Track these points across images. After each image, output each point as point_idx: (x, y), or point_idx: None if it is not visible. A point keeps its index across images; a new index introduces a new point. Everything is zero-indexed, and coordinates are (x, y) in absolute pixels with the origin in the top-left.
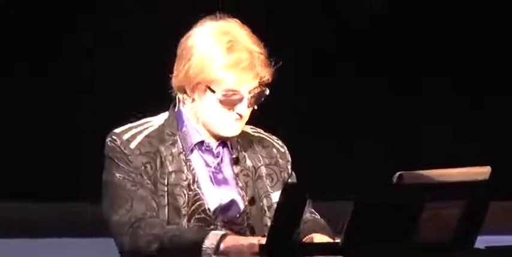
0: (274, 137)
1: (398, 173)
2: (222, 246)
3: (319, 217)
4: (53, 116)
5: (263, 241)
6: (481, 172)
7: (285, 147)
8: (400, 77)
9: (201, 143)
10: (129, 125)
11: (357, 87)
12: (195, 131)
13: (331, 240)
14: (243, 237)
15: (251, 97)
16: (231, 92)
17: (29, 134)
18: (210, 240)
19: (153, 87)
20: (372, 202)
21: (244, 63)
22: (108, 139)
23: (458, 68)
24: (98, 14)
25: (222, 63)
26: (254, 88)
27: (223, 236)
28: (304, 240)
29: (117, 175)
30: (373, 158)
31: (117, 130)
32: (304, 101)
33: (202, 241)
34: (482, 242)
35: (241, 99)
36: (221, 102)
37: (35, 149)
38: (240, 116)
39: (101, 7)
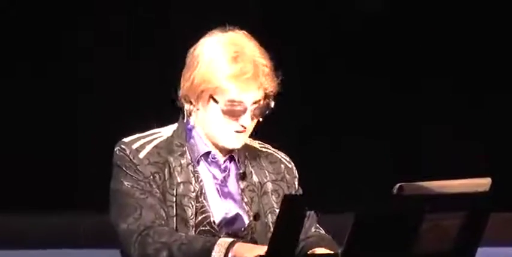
0: (282, 153)
1: (399, 184)
2: (230, 254)
3: (324, 232)
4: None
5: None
6: (482, 183)
7: (292, 163)
8: (399, 77)
9: (207, 154)
10: (138, 135)
11: (357, 87)
12: (201, 143)
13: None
14: (252, 244)
15: (255, 109)
16: (234, 103)
17: (26, 141)
18: (219, 247)
19: (153, 90)
20: (372, 213)
21: (249, 74)
22: (117, 148)
23: (458, 68)
24: (98, 14)
25: (227, 73)
26: (258, 100)
27: (231, 244)
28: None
29: (126, 183)
30: (373, 163)
31: (126, 139)
32: (306, 108)
33: (212, 249)
34: (482, 253)
35: (244, 111)
36: (224, 112)
37: (32, 157)
38: (244, 127)
39: (101, 7)
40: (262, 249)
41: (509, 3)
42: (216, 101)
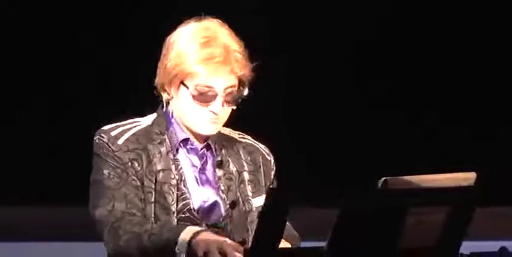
0: (262, 145)
1: (383, 178)
2: (193, 241)
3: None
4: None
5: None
6: (466, 177)
7: (271, 155)
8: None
9: (186, 141)
10: (117, 123)
11: (354, 87)
12: (180, 130)
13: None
14: (216, 235)
15: (226, 95)
16: (205, 88)
17: (24, 136)
18: (183, 236)
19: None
20: (356, 207)
21: (218, 58)
22: (96, 137)
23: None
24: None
25: (196, 57)
26: (230, 86)
27: (197, 232)
28: None
29: (104, 171)
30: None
31: (105, 128)
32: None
33: (177, 237)
34: (466, 247)
35: (215, 96)
36: (194, 98)
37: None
38: (214, 113)
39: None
40: (225, 239)
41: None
42: (186, 87)
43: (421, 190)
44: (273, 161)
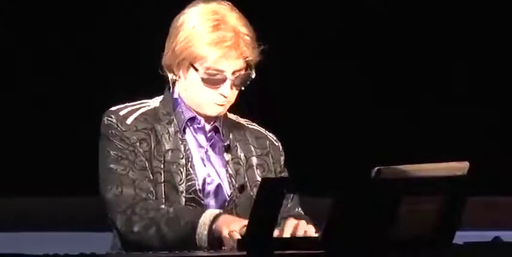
0: (269, 133)
1: (377, 167)
2: (214, 226)
3: (303, 214)
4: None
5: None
6: (460, 167)
7: (280, 142)
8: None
9: (193, 120)
10: (126, 104)
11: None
12: (187, 110)
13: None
14: (236, 217)
15: (235, 78)
16: (213, 71)
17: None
18: (205, 219)
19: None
20: (350, 197)
21: (229, 42)
22: (104, 118)
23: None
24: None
25: (206, 40)
26: (238, 69)
27: (217, 216)
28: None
29: (112, 152)
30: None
31: (113, 108)
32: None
33: (197, 221)
34: (460, 237)
35: (224, 80)
36: (204, 81)
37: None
38: (224, 96)
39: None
40: (244, 221)
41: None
42: (196, 69)
43: (414, 180)
44: (281, 147)
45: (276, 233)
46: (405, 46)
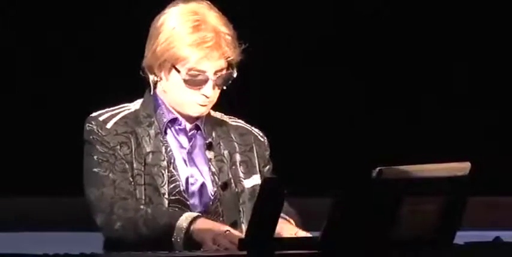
0: (255, 129)
1: (378, 168)
2: (191, 228)
3: (291, 209)
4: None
5: (235, 232)
6: (461, 167)
7: (266, 138)
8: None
9: (174, 121)
10: (106, 109)
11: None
12: (167, 111)
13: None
14: (214, 222)
15: (217, 78)
16: (195, 72)
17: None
18: (182, 222)
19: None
20: (351, 197)
21: (210, 42)
22: (86, 124)
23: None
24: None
25: (187, 42)
26: (220, 69)
27: (194, 219)
28: None
29: (94, 157)
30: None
31: (94, 114)
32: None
33: (175, 223)
34: (461, 237)
35: (206, 80)
36: (186, 82)
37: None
38: (206, 97)
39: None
40: (224, 227)
41: None
42: (177, 71)
43: (415, 180)
44: (267, 142)
45: None
46: (406, 46)
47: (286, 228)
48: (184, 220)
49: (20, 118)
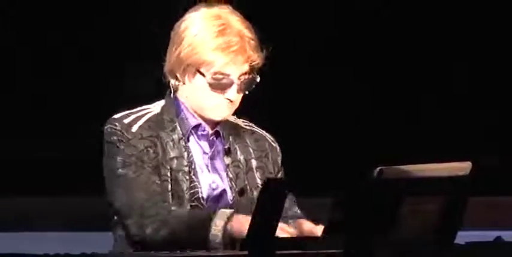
0: (266, 133)
1: (379, 168)
2: (228, 226)
3: (302, 214)
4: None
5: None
6: (462, 167)
7: (277, 143)
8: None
9: (198, 127)
10: (128, 111)
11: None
12: (191, 116)
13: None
14: (247, 217)
15: (241, 82)
16: (220, 76)
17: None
18: (219, 218)
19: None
20: (351, 197)
21: (235, 47)
22: (107, 126)
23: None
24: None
25: (212, 46)
26: (244, 73)
27: (231, 216)
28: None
29: (118, 158)
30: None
31: (116, 116)
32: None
33: (212, 219)
34: (461, 237)
35: (231, 84)
36: (210, 85)
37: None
38: (230, 100)
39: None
40: None
41: None
42: (202, 74)
43: (416, 180)
44: (278, 148)
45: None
46: (406, 46)
47: (319, 227)
48: (221, 215)
49: (20, 118)
